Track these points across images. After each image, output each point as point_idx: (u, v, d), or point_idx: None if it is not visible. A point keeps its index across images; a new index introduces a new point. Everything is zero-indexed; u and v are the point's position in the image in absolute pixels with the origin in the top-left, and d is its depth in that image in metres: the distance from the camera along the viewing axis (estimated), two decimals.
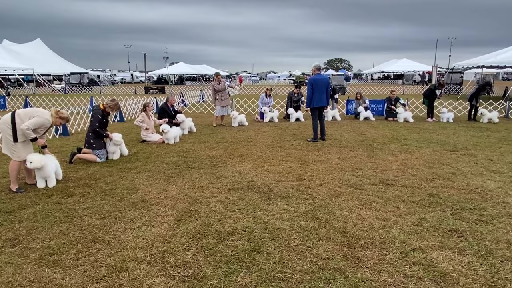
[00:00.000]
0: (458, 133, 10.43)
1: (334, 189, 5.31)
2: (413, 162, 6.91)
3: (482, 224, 4.08)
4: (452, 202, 4.76)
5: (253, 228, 4.03)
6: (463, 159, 7.12)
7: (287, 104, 13.81)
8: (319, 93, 8.93)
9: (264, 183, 5.59)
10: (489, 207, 4.59)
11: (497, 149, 8.13)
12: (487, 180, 5.70)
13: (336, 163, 6.85)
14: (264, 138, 9.58)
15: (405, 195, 5.02)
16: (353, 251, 3.53)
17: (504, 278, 3.06)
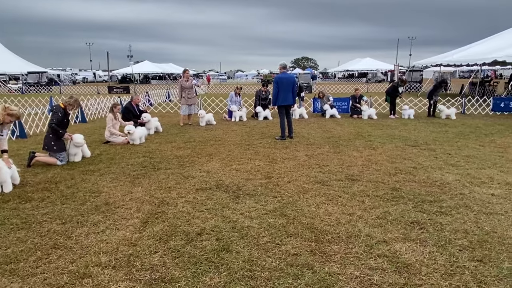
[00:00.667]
0: (418, 129, 10.87)
1: (302, 186, 5.38)
2: (377, 157, 7.13)
3: (441, 216, 4.28)
4: (413, 195, 4.96)
5: (221, 227, 4.00)
6: (424, 154, 7.43)
7: (255, 103, 13.85)
8: (285, 92, 9.00)
9: (233, 182, 5.57)
10: (447, 199, 4.81)
11: (454, 143, 8.55)
12: (446, 173, 5.98)
13: (303, 160, 6.95)
14: (232, 137, 9.55)
15: (369, 190, 5.17)
16: (320, 246, 3.59)
17: (462, 266, 3.22)
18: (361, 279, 3.07)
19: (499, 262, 3.25)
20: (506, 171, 6.09)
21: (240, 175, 5.94)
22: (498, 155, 7.26)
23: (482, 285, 2.95)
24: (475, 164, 6.59)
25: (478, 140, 8.97)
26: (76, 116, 13.13)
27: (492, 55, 17.49)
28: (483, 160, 6.88)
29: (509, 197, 4.84)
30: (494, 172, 6.06)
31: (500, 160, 6.84)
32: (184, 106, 11.70)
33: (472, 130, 10.56)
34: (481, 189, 5.20)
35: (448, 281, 3.02)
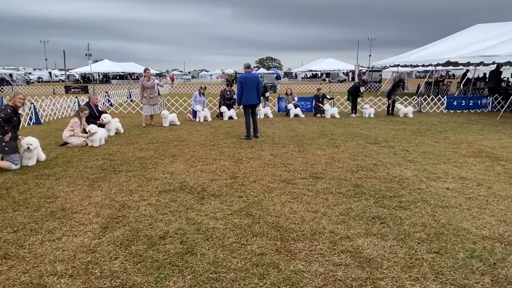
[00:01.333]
0: (378, 127, 11.26)
1: (267, 185, 5.39)
2: (339, 155, 7.29)
3: (401, 210, 4.43)
4: (374, 191, 5.11)
5: (186, 230, 3.92)
6: (384, 151, 7.69)
7: (220, 103, 13.75)
8: (249, 91, 9.01)
9: (197, 183, 5.48)
10: (406, 194, 5.00)
11: (412, 140, 8.93)
12: (404, 169, 6.22)
13: (268, 159, 6.97)
14: (196, 137, 9.42)
15: (333, 187, 5.27)
16: (285, 244, 3.61)
17: (421, 258, 3.35)
18: (326, 275, 3.11)
19: (455, 253, 3.41)
20: (459, 166, 6.43)
21: (205, 176, 5.86)
22: (452, 151, 7.65)
23: (439, 276, 3.08)
24: (431, 160, 6.90)
25: (434, 137, 9.42)
26: (30, 118, 12.41)
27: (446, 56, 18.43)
28: (439, 156, 7.22)
29: (462, 191, 5.11)
30: (449, 167, 6.38)
31: (454, 156, 7.21)
32: (146, 106, 11.40)
33: (428, 127, 11.07)
34: (437, 183, 5.45)
35: (408, 273, 3.12)
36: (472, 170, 6.14)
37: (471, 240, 3.64)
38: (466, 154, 7.34)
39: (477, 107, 15.71)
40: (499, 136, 9.45)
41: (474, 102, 15.86)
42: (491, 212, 4.34)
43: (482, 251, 3.44)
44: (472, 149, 7.82)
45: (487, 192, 5.04)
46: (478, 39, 18.94)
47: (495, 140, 8.88)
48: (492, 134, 9.83)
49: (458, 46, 19.44)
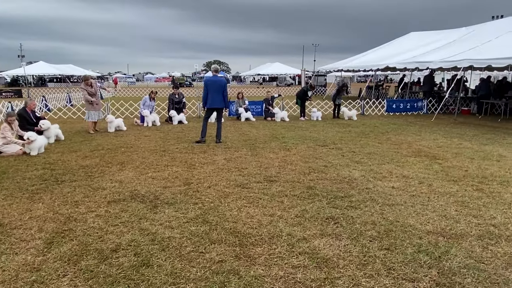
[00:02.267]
0: (326, 129, 11.68)
1: (223, 190, 5.35)
2: (291, 158, 7.44)
3: (352, 210, 4.62)
4: (326, 192, 5.28)
5: (139, 241, 3.76)
6: (333, 153, 7.99)
7: (169, 107, 13.42)
8: (214, 94, 9.01)
9: (149, 191, 5.29)
10: (356, 193, 5.23)
11: (357, 142, 9.37)
12: (353, 170, 6.51)
13: (222, 164, 6.93)
14: (146, 143, 9.10)
15: (287, 190, 5.36)
16: (245, 250, 3.60)
17: (374, 255, 3.51)
18: (286, 278, 3.15)
19: (404, 249, 3.62)
20: (401, 166, 6.86)
21: (157, 183, 5.67)
22: (394, 151, 8.15)
23: (391, 271, 3.25)
24: (376, 160, 7.30)
25: (377, 138, 9.97)
26: None
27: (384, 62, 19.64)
28: (382, 156, 7.66)
29: (406, 189, 5.45)
30: (392, 166, 6.78)
31: (396, 156, 7.69)
32: (92, 112, 10.82)
33: (371, 129, 11.70)
34: (383, 183, 5.76)
35: (363, 271, 3.26)
36: (413, 169, 6.58)
37: (417, 236, 3.90)
38: (407, 154, 7.85)
39: (413, 110, 16.89)
40: (435, 137, 10.24)
41: (411, 105, 17.04)
42: (433, 208, 4.68)
43: (427, 245, 3.69)
44: (412, 149, 8.38)
45: (428, 190, 5.42)
46: (413, 46, 20.46)
47: (431, 140, 9.61)
48: (429, 134, 10.63)
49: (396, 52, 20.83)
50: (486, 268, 3.30)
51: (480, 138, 9.96)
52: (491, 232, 3.98)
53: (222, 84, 9.17)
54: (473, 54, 14.48)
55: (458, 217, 4.39)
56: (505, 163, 7.10)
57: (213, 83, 9.06)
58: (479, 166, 6.81)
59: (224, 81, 9.37)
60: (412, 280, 3.11)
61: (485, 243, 3.75)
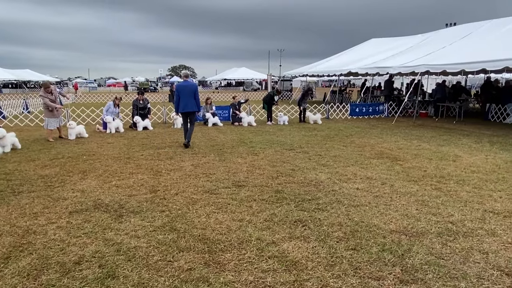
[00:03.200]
0: (293, 133, 11.85)
1: (190, 196, 5.29)
2: (259, 162, 7.49)
3: (319, 212, 4.71)
4: (294, 195, 5.35)
5: (104, 252, 3.63)
6: (299, 156, 8.12)
7: (133, 112, 13.11)
8: (186, 99, 9.26)
9: (114, 200, 5.14)
10: (323, 196, 5.34)
11: (323, 145, 9.58)
12: (319, 173, 6.64)
13: (190, 170, 6.85)
14: (109, 150, 8.83)
15: (255, 194, 5.38)
16: (214, 256, 3.57)
17: (341, 256, 3.60)
18: (256, 283, 3.16)
19: (369, 248, 3.74)
20: (365, 167, 7.08)
21: (121, 192, 5.51)
22: (358, 154, 8.40)
23: (358, 270, 3.35)
24: (341, 163, 7.49)
25: (342, 141, 10.24)
26: None
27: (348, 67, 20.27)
28: (347, 159, 7.87)
29: (370, 190, 5.63)
30: (357, 169, 6.98)
31: (360, 158, 7.93)
32: (52, 119, 10.36)
33: (336, 133, 12.00)
34: (348, 184, 5.93)
35: (331, 271, 3.33)
36: (376, 171, 6.82)
37: (381, 235, 4.03)
38: (370, 156, 8.13)
39: (375, 113, 17.53)
40: (396, 139, 10.67)
41: (373, 108, 17.68)
42: (395, 208, 4.86)
43: (391, 244, 3.83)
44: (374, 151, 8.68)
45: (390, 190, 5.64)
46: (374, 52, 21.28)
47: (392, 143, 10.00)
48: (390, 137, 11.06)
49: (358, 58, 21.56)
50: (446, 263, 3.47)
51: (437, 140, 10.49)
52: (450, 229, 4.20)
53: (193, 88, 9.47)
54: (429, 59, 15.28)
55: (419, 215, 4.59)
56: (460, 163, 7.52)
57: (184, 88, 9.37)
58: (437, 166, 7.16)
59: (195, 86, 9.68)
60: (377, 279, 3.22)
61: (444, 239, 3.94)
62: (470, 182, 6.06)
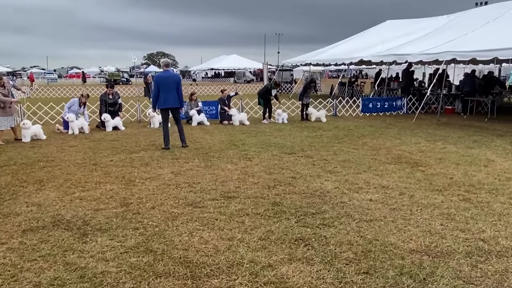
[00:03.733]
0: (293, 134, 11.89)
1: (170, 211, 5.29)
2: (253, 169, 7.50)
3: (325, 228, 4.73)
4: (295, 208, 5.36)
5: (65, 278, 3.61)
6: (301, 162, 8.14)
7: (101, 109, 13.06)
8: (167, 93, 9.34)
9: (77, 215, 5.12)
10: (329, 209, 5.36)
11: (330, 148, 9.62)
12: (325, 181, 6.66)
13: (169, 178, 6.84)
14: (71, 155, 8.80)
15: (249, 208, 5.39)
16: (198, 283, 3.56)
17: (350, 281, 3.61)
18: None
19: (384, 272, 3.75)
20: (380, 174, 7.12)
21: (86, 205, 5.49)
22: (372, 158, 8.45)
23: None
24: (352, 169, 7.53)
25: (352, 143, 10.29)
26: None
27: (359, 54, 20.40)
28: (359, 164, 7.91)
29: (386, 201, 5.66)
30: (370, 176, 7.02)
31: (374, 163, 7.97)
32: (3, 118, 10.30)
33: (345, 133, 12.06)
34: (360, 195, 5.96)
35: None
36: (393, 178, 6.86)
37: (399, 256, 4.05)
38: (386, 161, 8.18)
39: (392, 109, 17.66)
40: (416, 140, 10.74)
41: (389, 104, 17.80)
42: (416, 223, 4.89)
43: (411, 266, 3.85)
44: (391, 155, 8.74)
45: (410, 201, 5.67)
46: (390, 36, 21.41)
47: (412, 145, 10.07)
48: (409, 138, 11.14)
49: (371, 43, 21.70)
50: None
51: (465, 141, 10.58)
52: (480, 248, 4.23)
53: (176, 80, 9.61)
54: (456, 45, 15.41)
55: (444, 232, 4.62)
56: (493, 168, 7.58)
57: (165, 79, 9.46)
58: (466, 173, 7.22)
59: (178, 77, 9.88)
60: None
61: (474, 260, 3.97)
62: (505, 192, 6.11)
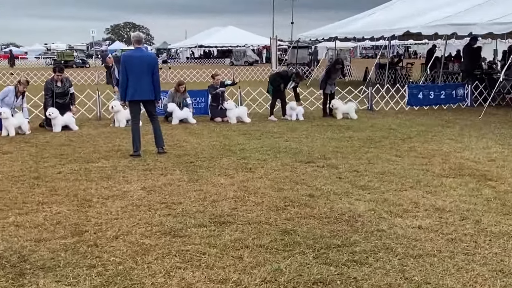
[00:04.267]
0: (312, 135, 11.89)
1: (140, 242, 5.30)
2: (256, 184, 7.50)
3: (355, 267, 4.71)
4: (314, 238, 5.34)
5: None
6: (322, 173, 8.14)
7: (46, 102, 13.10)
8: (137, 79, 9.31)
9: (11, 248, 5.14)
10: (361, 239, 5.33)
11: (363, 155, 9.61)
12: (355, 201, 6.65)
13: (139, 197, 6.86)
14: (5, 165, 8.87)
15: (249, 237, 5.37)
16: None
17: None
18: None
19: None
20: (433, 192, 7.10)
21: (24, 235, 5.52)
22: (422, 169, 8.42)
23: None
24: (393, 184, 7.51)
25: (394, 148, 10.27)
26: None
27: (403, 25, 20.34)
28: (403, 177, 7.89)
29: (441, 229, 5.64)
30: (419, 193, 7.00)
31: (424, 176, 7.95)
32: None
33: (384, 134, 12.05)
34: (404, 220, 5.93)
35: None
36: (451, 197, 6.83)
37: None
38: (442, 173, 8.15)
39: (451, 101, 17.57)
40: (485, 144, 10.71)
41: (447, 93, 17.68)
42: (483, 259, 4.86)
43: None
44: (449, 165, 8.71)
45: (475, 229, 5.64)
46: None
47: (479, 150, 10.05)
48: (475, 140, 11.11)
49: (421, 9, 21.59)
50: None
51: None
52: None
53: (151, 62, 9.60)
54: None
55: None
56: None
57: (135, 60, 9.44)
58: None
59: (153, 58, 9.97)
60: None
61: None
62: None
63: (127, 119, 13.40)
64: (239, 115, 14.14)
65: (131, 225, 5.80)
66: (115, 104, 12.93)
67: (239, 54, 59.04)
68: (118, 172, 8.34)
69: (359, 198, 6.81)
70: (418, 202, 6.63)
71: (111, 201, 6.70)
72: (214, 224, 5.79)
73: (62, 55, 56.56)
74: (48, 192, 7.14)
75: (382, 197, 6.86)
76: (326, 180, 7.73)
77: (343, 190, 7.19)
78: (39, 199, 6.82)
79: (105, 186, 7.47)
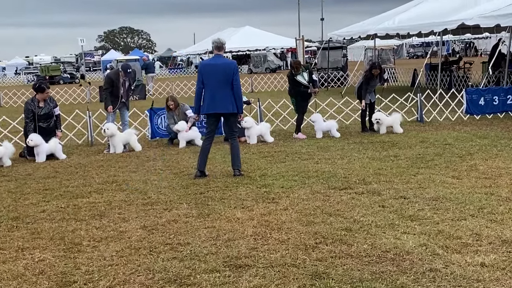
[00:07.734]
0: (348, 155, 11.86)
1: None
2: (280, 217, 7.49)
3: None
4: (351, 283, 5.30)
5: None
6: (362, 201, 8.10)
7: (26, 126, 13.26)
8: (214, 90, 9.77)
9: None
10: (410, 282, 5.28)
11: (411, 177, 9.54)
12: (403, 235, 6.59)
13: (138, 238, 6.89)
14: None
15: (272, 283, 5.35)
16: None
17: None
18: None
19: None
20: (499, 220, 7.00)
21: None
22: (485, 192, 8.33)
23: None
24: (450, 212, 7.43)
25: (450, 167, 10.18)
26: None
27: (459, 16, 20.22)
28: (462, 203, 7.81)
29: (509, 267, 5.54)
30: (482, 223, 6.91)
31: (488, 201, 7.86)
32: None
33: (438, 150, 11.95)
34: (464, 257, 5.85)
35: None
36: None
37: None
38: (510, 197, 8.04)
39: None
40: None
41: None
42: None
43: None
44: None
45: None
46: None
47: None
48: None
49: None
50: None
51: None
52: None
53: (228, 71, 9.93)
54: None
55: None
56: None
57: (210, 69, 9.97)
58: None
59: (231, 66, 10.18)
60: None
61: None
62: None
63: (125, 143, 13.54)
64: (261, 133, 14.15)
65: (128, 272, 5.81)
66: (109, 126, 13.01)
67: (258, 59, 59.06)
68: (113, 208, 8.39)
69: (407, 231, 6.75)
70: (481, 233, 6.54)
71: (104, 244, 6.73)
72: (229, 269, 5.77)
73: (47, 70, 57.09)
74: (29, 236, 7.20)
75: (435, 228, 6.79)
76: (366, 210, 7.68)
77: (387, 221, 7.14)
78: (18, 244, 6.88)
79: (98, 226, 7.51)
